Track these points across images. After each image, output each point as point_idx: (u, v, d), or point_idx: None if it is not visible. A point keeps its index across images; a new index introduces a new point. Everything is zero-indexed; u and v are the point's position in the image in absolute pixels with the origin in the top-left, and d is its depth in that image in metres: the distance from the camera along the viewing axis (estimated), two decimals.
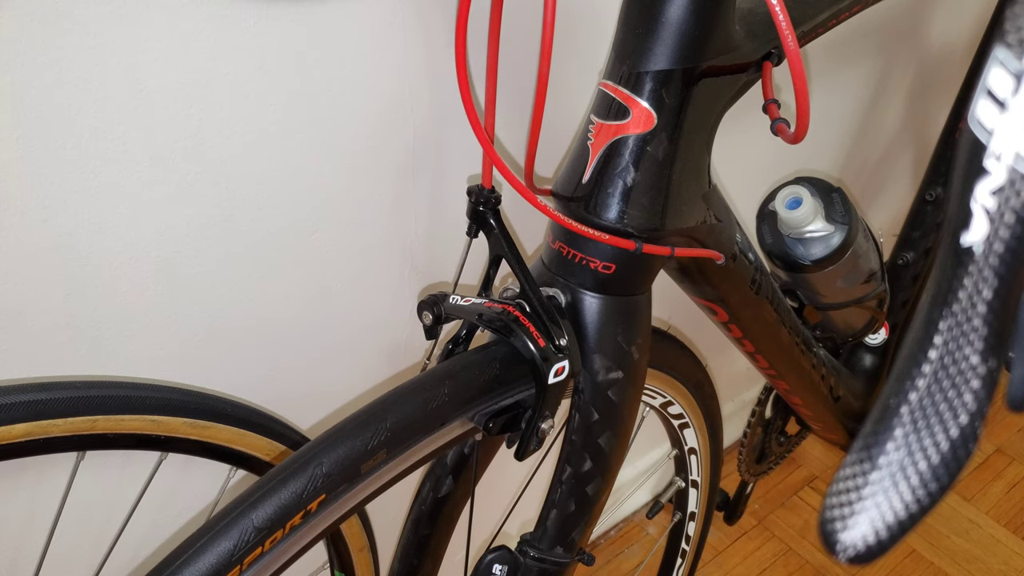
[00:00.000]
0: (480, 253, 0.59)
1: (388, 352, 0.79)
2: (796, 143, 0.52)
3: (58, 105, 0.49)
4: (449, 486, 0.65)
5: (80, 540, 0.67)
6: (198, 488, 0.71)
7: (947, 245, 0.22)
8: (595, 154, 0.52)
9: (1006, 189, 0.21)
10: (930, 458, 0.23)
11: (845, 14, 0.63)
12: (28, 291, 0.54)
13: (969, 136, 0.21)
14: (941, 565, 1.34)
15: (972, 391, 0.22)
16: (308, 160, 0.62)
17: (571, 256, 0.54)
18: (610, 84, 0.51)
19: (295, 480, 0.43)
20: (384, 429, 0.46)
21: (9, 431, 0.49)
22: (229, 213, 0.60)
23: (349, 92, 0.62)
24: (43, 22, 0.47)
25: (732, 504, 1.26)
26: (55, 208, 0.52)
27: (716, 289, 0.66)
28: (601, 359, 0.55)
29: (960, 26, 1.24)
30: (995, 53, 0.21)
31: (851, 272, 0.76)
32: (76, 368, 0.59)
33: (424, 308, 0.55)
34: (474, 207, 0.57)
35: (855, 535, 0.23)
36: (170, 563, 0.41)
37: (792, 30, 0.45)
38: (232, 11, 0.53)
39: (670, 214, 0.53)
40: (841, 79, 1.11)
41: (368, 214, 0.69)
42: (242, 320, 0.66)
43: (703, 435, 0.93)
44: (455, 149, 0.71)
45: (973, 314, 0.22)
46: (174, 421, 0.57)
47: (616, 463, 0.60)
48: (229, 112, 0.56)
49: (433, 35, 0.63)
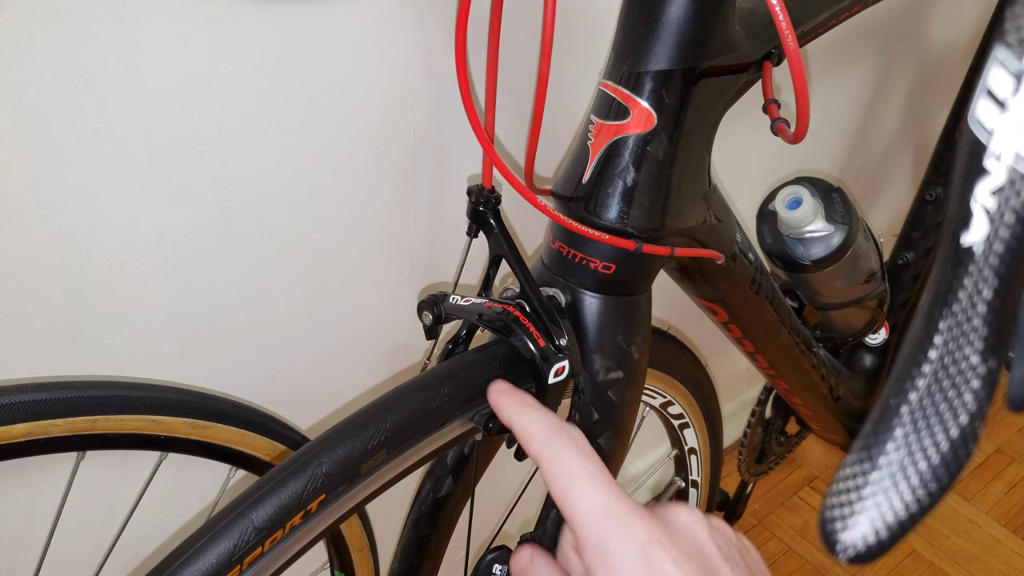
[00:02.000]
0: (480, 253, 0.59)
1: (388, 352, 0.79)
2: (796, 143, 0.52)
3: (58, 105, 0.49)
4: (449, 486, 0.64)
5: (80, 540, 0.67)
6: (198, 488, 0.71)
7: (947, 245, 0.22)
8: (595, 154, 0.52)
9: (1006, 189, 0.21)
10: (930, 458, 0.23)
11: (845, 14, 0.63)
12: (28, 291, 0.54)
13: (969, 136, 0.21)
14: (941, 565, 1.34)
15: (972, 391, 0.22)
16: (308, 160, 0.62)
17: (571, 256, 0.54)
18: (610, 84, 0.51)
19: (295, 480, 0.43)
20: (384, 429, 0.46)
21: (9, 431, 0.49)
22: (229, 213, 0.60)
23: (349, 92, 0.62)
24: (43, 22, 0.47)
25: (732, 504, 1.26)
26: (55, 208, 0.52)
27: (716, 289, 0.66)
28: (601, 359, 0.55)
29: (960, 26, 1.24)
30: (995, 53, 0.21)
31: (851, 272, 0.76)
32: (76, 368, 0.59)
33: (424, 308, 0.55)
34: (474, 207, 0.57)
35: (855, 535, 0.23)
36: (170, 563, 0.41)
37: (792, 30, 0.45)
38: (232, 11, 0.53)
39: (670, 214, 0.53)
40: (841, 79, 1.11)
41: (368, 214, 0.69)
42: (242, 320, 0.66)
43: (703, 435, 0.93)
44: (455, 149, 0.71)
45: (973, 314, 0.22)
46: (174, 421, 0.57)
47: (616, 463, 0.60)
48: (229, 112, 0.56)
49: (433, 35, 0.63)
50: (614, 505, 0.35)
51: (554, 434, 0.39)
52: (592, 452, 0.38)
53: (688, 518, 0.36)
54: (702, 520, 0.36)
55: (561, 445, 0.38)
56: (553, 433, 0.39)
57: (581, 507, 0.36)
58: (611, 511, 0.35)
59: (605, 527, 0.35)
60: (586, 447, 0.38)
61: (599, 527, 0.35)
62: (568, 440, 0.38)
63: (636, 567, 0.34)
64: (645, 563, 0.34)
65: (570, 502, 0.36)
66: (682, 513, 0.36)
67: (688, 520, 0.36)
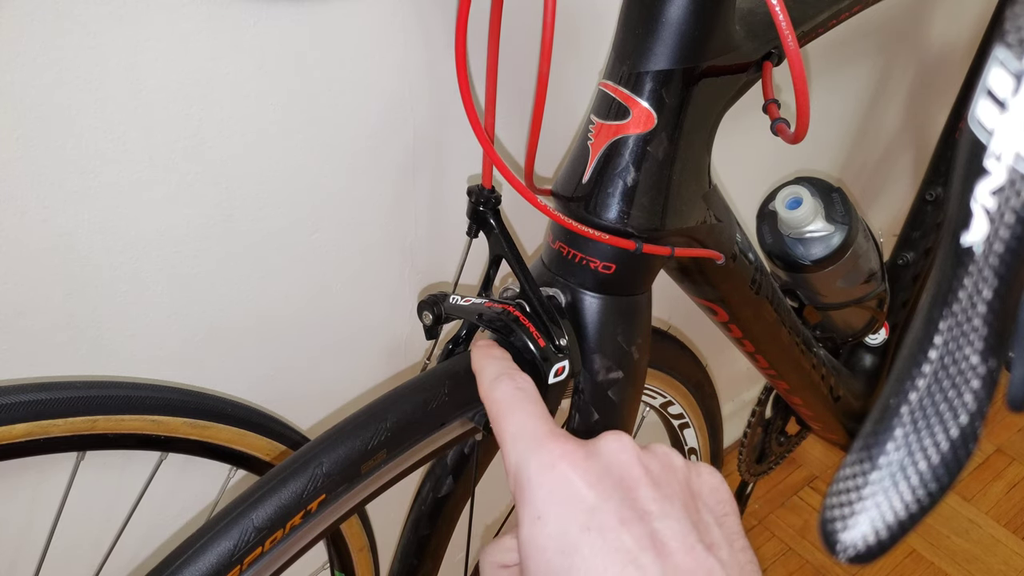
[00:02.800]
0: (480, 253, 0.59)
1: (388, 352, 0.79)
2: (796, 143, 0.52)
3: (58, 105, 0.49)
4: (449, 486, 0.64)
5: (80, 540, 0.67)
6: (198, 488, 0.71)
7: (947, 245, 0.22)
8: (595, 154, 0.52)
9: (1006, 189, 0.21)
10: (930, 458, 0.23)
11: (845, 14, 0.63)
12: (28, 291, 0.54)
13: (969, 136, 0.21)
14: (941, 565, 1.34)
15: (972, 391, 0.22)
16: (308, 160, 0.62)
17: (571, 256, 0.54)
18: (610, 84, 0.51)
19: (295, 480, 0.43)
20: (384, 429, 0.46)
21: (9, 431, 0.49)
22: (229, 213, 0.60)
23: (349, 92, 0.62)
24: (43, 22, 0.47)
25: None
26: (55, 208, 0.52)
27: (716, 289, 0.66)
28: (601, 359, 0.55)
29: (960, 26, 1.24)
30: (995, 53, 0.21)
31: (851, 272, 0.76)
32: (76, 368, 0.59)
33: (424, 308, 0.55)
34: (474, 207, 0.57)
35: (855, 535, 0.23)
36: (170, 563, 0.41)
37: (792, 30, 0.45)
38: (232, 11, 0.53)
39: (670, 214, 0.53)
40: (841, 79, 1.11)
41: (368, 214, 0.69)
42: (242, 320, 0.66)
43: (703, 435, 0.93)
44: (455, 149, 0.71)
45: (973, 314, 0.22)
46: (174, 421, 0.57)
47: None
48: (229, 112, 0.56)
49: (433, 35, 0.63)
50: (536, 430, 0.36)
51: (500, 377, 0.41)
52: (534, 393, 0.40)
53: (615, 443, 0.35)
54: (631, 445, 0.35)
55: (502, 384, 0.40)
56: (499, 376, 0.41)
57: (507, 433, 0.37)
58: (532, 435, 0.36)
59: (524, 448, 0.35)
60: (528, 387, 0.40)
61: (518, 449, 0.36)
62: (509, 381, 0.40)
63: (545, 484, 0.33)
64: (553, 480, 0.33)
65: (499, 430, 0.38)
66: (610, 439, 0.35)
67: (614, 445, 0.35)
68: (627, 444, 0.35)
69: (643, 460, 0.34)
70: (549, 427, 0.36)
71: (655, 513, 0.32)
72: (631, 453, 0.34)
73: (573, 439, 0.35)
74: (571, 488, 0.33)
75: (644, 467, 0.34)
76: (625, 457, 0.34)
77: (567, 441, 0.35)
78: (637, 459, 0.34)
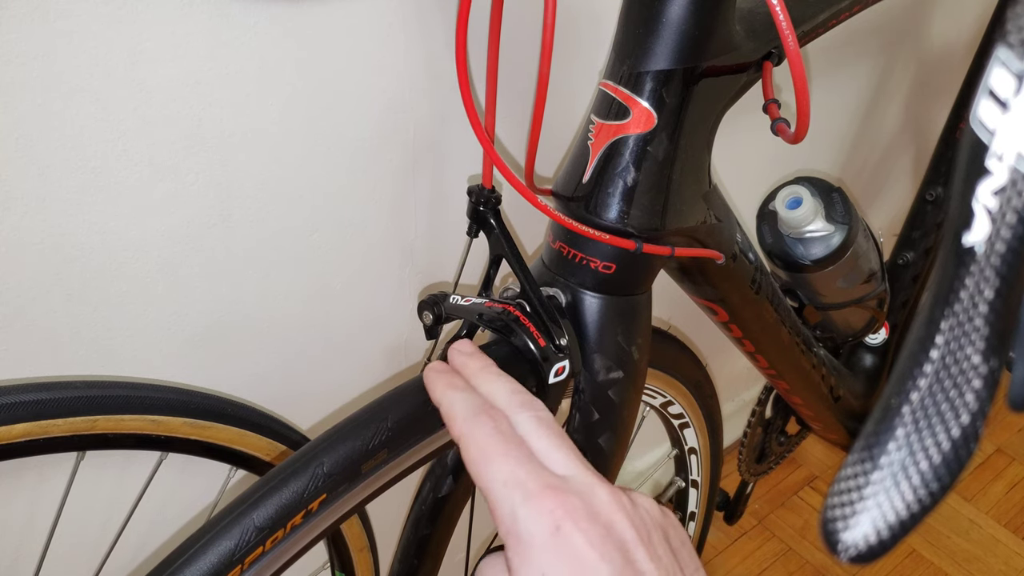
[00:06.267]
0: (480, 253, 0.59)
1: (388, 352, 0.79)
2: (796, 143, 0.52)
3: (58, 105, 0.49)
4: (449, 486, 0.64)
5: (80, 540, 0.67)
6: (198, 488, 0.71)
7: (948, 245, 0.22)
8: (595, 154, 0.52)
9: (1008, 189, 0.21)
10: (931, 457, 0.23)
11: (845, 14, 0.63)
12: (28, 291, 0.54)
13: (971, 136, 0.21)
14: (941, 565, 1.34)
15: (974, 391, 0.22)
16: (308, 160, 0.62)
17: (571, 256, 0.54)
18: (610, 84, 0.51)
19: (296, 480, 0.43)
20: (385, 429, 0.46)
21: (9, 431, 0.49)
22: (229, 213, 0.60)
23: (349, 92, 0.62)
24: (43, 22, 0.47)
25: (732, 504, 1.26)
26: (55, 208, 0.52)
27: (716, 289, 0.66)
28: (601, 359, 0.55)
29: (960, 26, 1.24)
30: (996, 53, 0.21)
31: (851, 272, 0.76)
32: (76, 368, 0.59)
33: (424, 308, 0.55)
34: (474, 207, 0.57)
35: (856, 535, 0.23)
36: (170, 563, 0.41)
37: (792, 30, 0.45)
38: (232, 11, 0.53)
39: (670, 214, 0.53)
40: (841, 79, 1.11)
41: (368, 214, 0.69)
42: (242, 320, 0.66)
43: (703, 435, 0.93)
44: (455, 149, 0.71)
45: (975, 314, 0.22)
46: (174, 421, 0.57)
47: (616, 463, 0.60)
48: (229, 112, 0.56)
49: (433, 35, 0.63)
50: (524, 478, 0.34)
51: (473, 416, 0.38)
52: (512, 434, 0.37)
53: (610, 501, 0.34)
54: (622, 498, 0.35)
55: (478, 426, 0.37)
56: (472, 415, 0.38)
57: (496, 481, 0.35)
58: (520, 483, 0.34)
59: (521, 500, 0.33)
60: (506, 429, 0.37)
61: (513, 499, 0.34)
62: (486, 421, 0.37)
63: (550, 547, 0.32)
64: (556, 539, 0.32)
65: (482, 478, 0.35)
66: (602, 494, 0.35)
67: (606, 497, 0.34)
68: (622, 502, 0.35)
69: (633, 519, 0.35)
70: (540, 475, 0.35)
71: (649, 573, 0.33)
72: (625, 512, 0.35)
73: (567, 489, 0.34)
74: (576, 552, 0.32)
75: (635, 527, 0.34)
76: (620, 517, 0.34)
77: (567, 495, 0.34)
78: (630, 520, 0.34)
